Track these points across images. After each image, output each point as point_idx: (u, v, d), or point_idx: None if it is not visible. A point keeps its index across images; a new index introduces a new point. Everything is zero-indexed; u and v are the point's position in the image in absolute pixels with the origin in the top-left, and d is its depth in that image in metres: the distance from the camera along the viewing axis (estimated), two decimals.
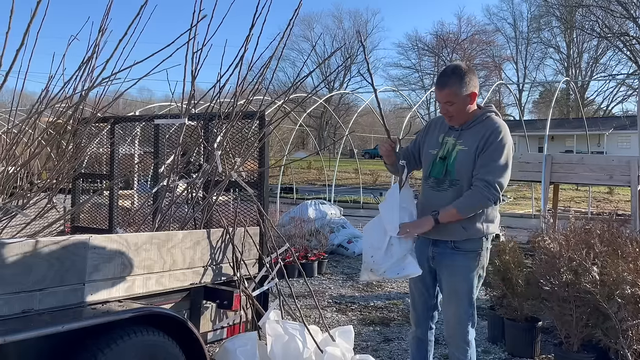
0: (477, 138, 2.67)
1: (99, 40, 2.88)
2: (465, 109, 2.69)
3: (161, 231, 3.07)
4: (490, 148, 2.61)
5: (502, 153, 2.62)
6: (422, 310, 2.95)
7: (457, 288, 2.75)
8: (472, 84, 2.66)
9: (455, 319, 2.77)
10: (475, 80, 2.69)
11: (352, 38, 50.61)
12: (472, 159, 2.66)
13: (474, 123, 2.73)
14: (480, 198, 2.59)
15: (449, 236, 2.72)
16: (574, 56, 44.98)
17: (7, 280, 2.10)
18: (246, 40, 3.11)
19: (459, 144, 2.72)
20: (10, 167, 3.01)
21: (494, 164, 2.60)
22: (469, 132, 2.72)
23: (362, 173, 19.10)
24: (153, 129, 3.99)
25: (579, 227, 4.17)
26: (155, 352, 2.42)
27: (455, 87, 2.63)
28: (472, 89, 2.66)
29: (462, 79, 2.63)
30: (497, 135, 2.63)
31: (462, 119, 2.74)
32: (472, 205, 2.61)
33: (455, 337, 2.79)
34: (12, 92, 3.16)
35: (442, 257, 2.78)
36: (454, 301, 2.77)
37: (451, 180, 2.73)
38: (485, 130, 2.67)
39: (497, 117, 2.74)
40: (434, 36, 50.10)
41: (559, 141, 33.34)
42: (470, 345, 2.79)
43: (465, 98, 2.66)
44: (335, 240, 8.35)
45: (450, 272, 2.76)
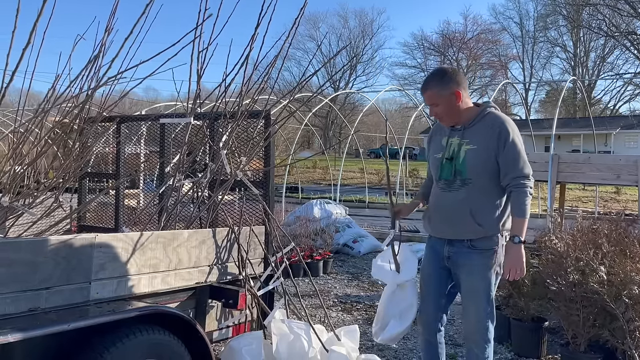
0: (486, 136, 2.68)
1: (105, 40, 2.89)
2: (452, 108, 2.73)
3: (167, 230, 3.08)
4: (507, 146, 2.65)
5: (518, 146, 2.68)
6: (433, 310, 2.94)
7: (475, 287, 2.76)
8: (453, 83, 2.70)
9: (475, 317, 2.78)
10: (459, 79, 2.73)
11: (357, 37, 50.61)
12: (484, 157, 2.68)
13: (476, 120, 2.74)
14: (526, 193, 2.66)
15: (467, 235, 2.73)
16: (581, 55, 44.72)
17: (14, 279, 2.11)
18: (252, 39, 3.11)
19: (465, 143, 2.73)
20: (17, 166, 3.03)
21: (518, 160, 2.66)
22: (474, 130, 2.73)
23: (367, 172, 19.08)
24: (159, 129, 4.00)
25: (586, 226, 4.15)
26: (161, 350, 2.42)
27: (437, 88, 2.70)
28: (455, 87, 2.70)
29: (441, 79, 2.70)
30: (507, 131, 2.66)
31: (454, 118, 2.77)
32: (524, 203, 2.66)
33: (475, 334, 2.80)
34: (19, 91, 3.17)
35: (458, 256, 2.78)
36: (473, 300, 2.78)
37: (462, 179, 2.73)
38: (493, 128, 2.68)
39: (498, 112, 2.77)
40: (440, 35, 49.90)
41: (566, 141, 33.18)
42: (489, 344, 2.81)
43: (448, 97, 2.70)
44: (340, 239, 8.34)
45: (467, 271, 2.77)
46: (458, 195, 2.73)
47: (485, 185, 2.70)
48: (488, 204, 2.71)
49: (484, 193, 2.71)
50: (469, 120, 2.75)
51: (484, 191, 2.71)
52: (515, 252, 2.64)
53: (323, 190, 19.58)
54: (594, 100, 42.52)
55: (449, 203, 2.77)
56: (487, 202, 2.71)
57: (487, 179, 2.70)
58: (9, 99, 11.18)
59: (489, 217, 2.71)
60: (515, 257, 2.64)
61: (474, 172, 2.70)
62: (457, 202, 2.73)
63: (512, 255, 2.65)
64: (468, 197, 2.70)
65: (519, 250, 2.64)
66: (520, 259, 2.64)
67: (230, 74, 3.27)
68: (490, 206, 2.71)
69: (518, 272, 2.63)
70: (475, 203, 2.70)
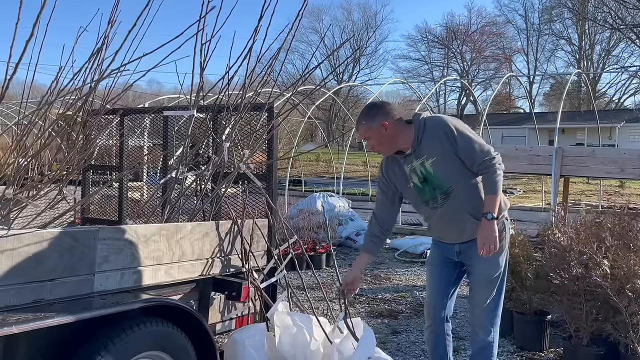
0: (436, 143, 2.70)
1: (108, 32, 2.88)
2: (382, 138, 2.75)
3: (170, 223, 3.09)
4: (458, 140, 2.67)
5: (467, 134, 2.69)
6: (439, 302, 2.96)
7: (485, 274, 2.82)
8: (380, 116, 2.73)
9: (484, 302, 2.84)
10: (387, 110, 2.76)
11: (361, 30, 50.39)
12: (449, 162, 2.70)
13: (421, 135, 2.75)
14: (495, 170, 2.65)
15: (476, 233, 2.73)
16: (586, 48, 44.42)
17: (19, 271, 2.12)
18: (255, 32, 3.10)
19: (426, 160, 2.74)
20: (21, 158, 3.03)
21: (474, 146, 2.67)
22: (423, 146, 2.74)
23: (370, 166, 19.04)
24: (162, 121, 4.00)
25: (589, 220, 4.14)
26: (165, 342, 2.44)
27: (365, 122, 2.76)
28: (381, 119, 2.73)
29: (368, 114, 2.77)
30: (449, 127, 2.68)
31: (389, 147, 2.80)
32: (495, 180, 2.66)
33: (483, 319, 2.86)
34: (22, 84, 3.17)
35: (469, 249, 2.81)
36: (485, 286, 2.83)
37: (445, 191, 2.75)
38: (436, 133, 2.70)
39: (430, 116, 2.80)
40: (444, 28, 49.67)
41: (570, 134, 33.02)
42: (495, 329, 2.86)
43: (377, 130, 2.73)
44: (343, 232, 8.35)
45: (477, 262, 2.80)
46: (450, 207, 2.77)
47: (466, 184, 2.74)
48: (478, 198, 2.74)
49: (470, 191, 2.75)
50: (413, 140, 2.76)
51: (469, 189, 2.74)
52: (488, 228, 2.64)
53: (326, 184, 19.57)
54: (598, 93, 42.29)
55: (445, 217, 2.81)
56: (477, 197, 2.74)
57: (464, 179, 2.73)
58: (13, 92, 11.20)
59: (481, 213, 2.72)
60: (487, 232, 2.64)
61: (449, 179, 2.73)
62: (452, 212, 2.77)
63: (484, 231, 2.64)
64: (459, 202, 2.75)
65: (491, 226, 2.64)
66: (492, 235, 2.64)
67: (234, 67, 3.27)
68: (481, 199, 2.74)
69: (491, 247, 2.64)
70: (468, 204, 2.75)
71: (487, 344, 2.88)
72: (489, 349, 2.88)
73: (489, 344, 2.88)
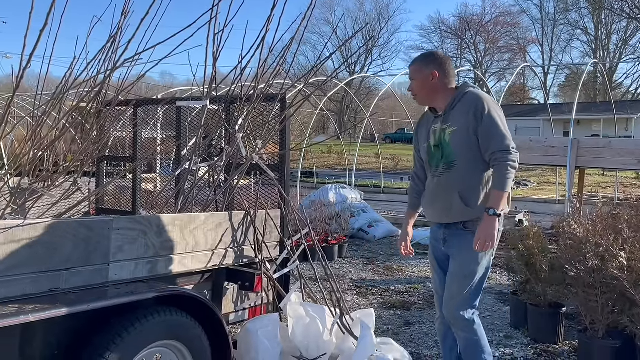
0: (464, 115, 2.67)
1: (121, 23, 2.88)
2: (425, 86, 2.79)
3: (184, 213, 3.09)
4: (484, 119, 2.62)
5: (496, 120, 2.63)
6: (443, 294, 2.91)
7: (464, 266, 2.73)
8: (435, 65, 2.78)
9: (456, 295, 2.75)
10: (443, 63, 2.80)
11: (373, 21, 50.03)
12: (465, 137, 2.66)
13: (455, 103, 2.73)
14: (507, 166, 2.58)
15: (458, 218, 2.72)
16: (602, 38, 43.65)
17: (35, 260, 2.14)
18: (267, 21, 3.08)
19: (448, 127, 2.73)
20: (36, 149, 3.05)
21: (497, 133, 2.62)
22: (453, 113, 2.73)
23: (383, 157, 18.97)
24: (175, 113, 4.01)
25: (606, 212, 4.08)
26: (179, 332, 2.45)
27: (418, 64, 2.83)
28: (434, 68, 2.77)
29: (425, 59, 2.85)
30: (483, 106, 2.63)
31: (427, 97, 2.83)
32: (505, 176, 2.58)
33: (454, 319, 2.77)
34: (36, 77, 3.19)
35: (453, 237, 2.78)
36: (457, 278, 2.75)
37: (449, 163, 2.72)
38: (469, 105, 2.66)
39: (476, 90, 2.75)
40: (457, 18, 49.10)
41: (585, 125, 32.56)
42: (473, 323, 2.75)
43: (426, 76, 2.77)
44: (355, 224, 8.34)
45: (458, 252, 2.75)
46: (446, 179, 2.73)
47: (471, 166, 2.68)
48: (476, 184, 2.69)
49: (471, 174, 2.69)
50: (448, 104, 2.75)
51: (471, 172, 2.69)
52: (488, 224, 2.57)
53: (338, 175, 19.55)
54: (615, 84, 41.61)
55: (438, 188, 2.78)
56: (475, 183, 2.69)
57: (472, 159, 2.67)
58: (28, 84, 11.31)
59: (477, 198, 2.68)
60: (487, 228, 2.57)
61: (458, 154, 2.69)
62: (445, 185, 2.73)
63: (484, 227, 2.57)
64: (455, 179, 2.70)
65: (492, 223, 2.57)
66: (491, 232, 2.56)
67: (246, 57, 3.25)
68: (479, 186, 2.69)
69: (488, 244, 2.57)
70: (463, 185, 2.69)
71: (471, 340, 2.76)
72: (475, 345, 2.77)
73: (472, 340, 2.75)
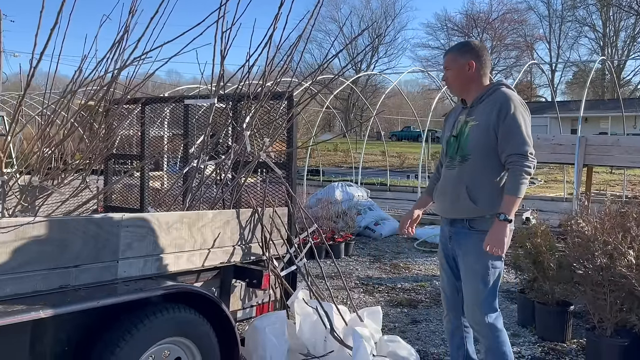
0: (488, 111, 2.63)
1: (129, 22, 2.90)
2: (460, 75, 2.74)
3: (192, 211, 3.11)
4: (507, 120, 2.57)
5: (519, 122, 2.57)
6: (450, 292, 2.91)
7: (471, 268, 2.70)
8: (472, 54, 2.73)
9: (471, 300, 2.71)
10: (480, 53, 2.75)
11: (379, 18, 49.88)
12: (484, 132, 2.63)
13: (484, 97, 2.70)
14: (522, 171, 2.53)
15: (462, 213, 2.69)
16: (611, 35, 43.32)
17: (45, 257, 2.16)
18: (275, 19, 3.08)
19: (470, 120, 2.70)
20: (45, 147, 3.07)
21: (517, 136, 2.56)
22: (480, 107, 2.70)
23: (389, 155, 18.95)
24: (182, 111, 4.02)
25: (614, 210, 4.06)
26: (187, 328, 2.47)
27: (455, 53, 2.78)
28: (471, 58, 2.72)
29: (462, 48, 2.80)
30: (509, 106, 2.58)
31: (461, 87, 2.78)
32: (518, 182, 2.53)
33: (474, 322, 2.73)
34: (45, 75, 3.21)
35: (458, 236, 2.75)
36: (469, 282, 2.72)
37: (462, 156, 2.69)
38: (495, 103, 2.62)
39: (508, 89, 2.70)
40: (464, 15, 48.84)
41: (593, 123, 32.36)
42: (494, 329, 2.68)
43: (462, 65, 2.73)
44: (362, 222, 8.34)
45: (464, 252, 2.72)
46: (457, 172, 2.70)
47: (484, 162, 2.64)
48: (486, 181, 2.64)
49: (483, 170, 2.65)
50: (477, 97, 2.72)
51: (483, 168, 2.65)
52: (498, 229, 2.51)
53: (344, 173, 19.54)
54: (623, 81, 41.30)
55: (449, 180, 2.75)
56: (484, 180, 2.64)
57: (486, 156, 2.63)
58: (36, 83, 11.37)
59: (484, 195, 2.62)
60: (496, 234, 2.50)
61: (474, 148, 2.66)
62: (456, 178, 2.70)
63: (493, 232, 2.51)
64: (465, 173, 2.67)
65: (502, 228, 2.50)
66: (500, 238, 2.50)
67: (254, 55, 3.26)
68: (488, 184, 2.63)
69: (497, 251, 2.51)
70: (472, 180, 2.65)
71: (491, 347, 2.69)
72: (495, 352, 2.69)
73: (493, 347, 2.69)
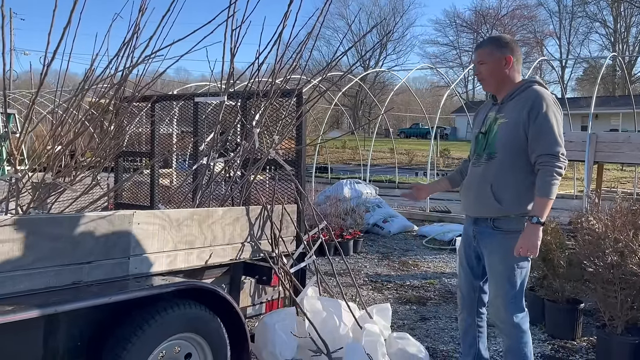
0: (518, 109, 2.58)
1: (139, 20, 2.92)
2: (497, 71, 2.67)
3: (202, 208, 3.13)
4: (538, 119, 2.51)
5: (551, 122, 2.52)
6: (467, 291, 2.90)
7: (496, 269, 2.68)
8: (509, 50, 2.67)
9: (497, 300, 2.70)
10: (516, 50, 2.69)
11: (388, 15, 49.73)
12: (512, 130, 2.58)
13: (515, 94, 2.64)
14: (552, 172, 2.49)
15: (486, 212, 2.67)
16: (621, 30, 42.91)
17: (58, 253, 2.19)
18: (284, 17, 3.09)
19: (500, 117, 2.66)
20: (57, 146, 3.11)
21: (547, 136, 2.51)
22: (510, 104, 2.65)
23: (397, 152, 18.90)
24: (192, 108, 4.04)
25: (625, 207, 4.03)
26: (198, 324, 2.49)
27: (490, 47, 2.70)
28: (509, 53, 2.66)
29: (498, 42, 2.72)
30: (540, 105, 2.53)
31: (496, 83, 2.71)
32: (549, 183, 2.48)
33: (499, 320, 2.72)
34: (55, 73, 3.24)
35: (482, 236, 2.73)
36: (494, 281, 2.71)
37: (489, 153, 2.66)
38: (526, 101, 2.57)
39: (540, 87, 2.63)
40: (473, 12, 48.67)
41: (604, 120, 32.09)
42: (518, 330, 2.66)
43: (498, 59, 2.66)
44: (370, 219, 8.34)
45: (489, 252, 2.70)
46: (483, 170, 2.68)
47: (511, 161, 2.59)
48: (511, 181, 2.59)
49: (510, 170, 2.59)
50: (508, 94, 2.67)
51: (510, 168, 2.59)
52: (531, 232, 2.46)
53: (352, 171, 19.53)
54: (634, 77, 40.88)
55: (475, 177, 2.73)
56: (510, 180, 2.59)
57: (514, 155, 2.59)
58: (46, 80, 11.44)
59: (510, 195, 2.59)
60: (529, 237, 2.46)
61: (501, 147, 2.61)
62: (482, 176, 2.67)
63: (525, 235, 2.47)
64: (491, 172, 2.63)
65: (534, 231, 2.46)
66: (533, 241, 2.45)
67: (264, 52, 3.27)
68: (514, 184, 2.59)
69: (529, 254, 2.48)
70: (497, 179, 2.61)
71: (513, 346, 2.68)
72: (516, 353, 2.68)
73: (514, 347, 2.68)
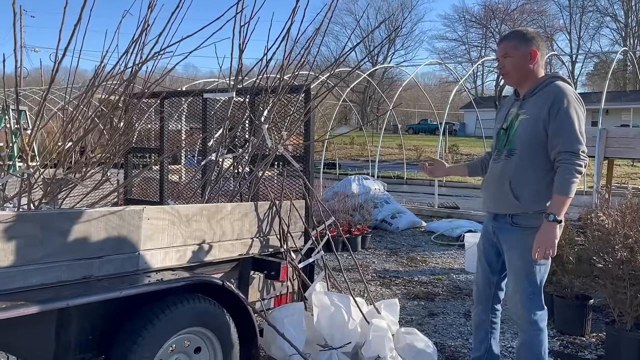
0: (539, 105, 2.55)
1: (148, 17, 2.93)
2: (521, 65, 2.63)
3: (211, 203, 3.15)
4: (559, 115, 2.48)
5: (572, 118, 2.47)
6: (483, 285, 2.89)
7: (515, 264, 2.67)
8: (534, 43, 2.63)
9: (515, 297, 2.68)
10: (541, 43, 2.66)
11: (396, 10, 49.51)
12: (533, 127, 2.55)
13: (537, 90, 2.61)
14: (572, 169, 2.45)
15: (505, 209, 2.66)
16: (633, 25, 42.44)
17: (69, 248, 2.21)
18: (293, 13, 3.09)
19: (521, 113, 2.63)
20: (68, 142, 3.14)
21: (568, 133, 2.47)
22: (532, 100, 2.62)
23: (405, 148, 18.86)
24: (201, 104, 4.06)
25: (635, 203, 4.00)
26: (207, 319, 2.51)
27: (516, 40, 2.65)
28: (534, 47, 2.62)
29: (524, 36, 2.66)
30: (561, 101, 2.49)
31: (519, 77, 2.67)
32: (568, 181, 2.44)
33: (516, 316, 2.72)
34: (65, 70, 3.27)
35: (501, 232, 2.73)
36: (512, 278, 2.70)
37: (509, 150, 2.65)
38: (548, 97, 2.54)
39: (563, 83, 2.59)
40: (482, 6, 48.21)
41: (614, 115, 31.83)
42: (535, 327, 2.64)
43: (523, 53, 2.62)
44: (378, 215, 8.34)
45: (508, 247, 2.70)
46: (503, 166, 2.66)
47: (531, 158, 2.57)
48: (530, 178, 2.57)
49: (529, 166, 2.57)
50: (530, 89, 2.64)
51: (529, 164, 2.57)
52: (547, 230, 2.43)
53: (360, 167, 19.52)
54: None
55: (495, 173, 2.72)
56: (529, 177, 2.57)
57: (534, 152, 2.56)
58: (56, 77, 11.53)
59: (528, 192, 2.57)
60: (545, 235, 2.43)
61: (521, 143, 2.59)
62: (501, 172, 2.66)
63: (542, 233, 2.44)
64: (510, 168, 2.62)
65: (551, 229, 2.42)
66: (550, 239, 2.42)
67: (272, 49, 3.28)
68: (533, 181, 2.57)
69: (547, 252, 2.44)
70: (516, 176, 2.59)
71: (527, 344, 2.66)
72: (530, 350, 2.65)
73: (528, 344, 2.66)
